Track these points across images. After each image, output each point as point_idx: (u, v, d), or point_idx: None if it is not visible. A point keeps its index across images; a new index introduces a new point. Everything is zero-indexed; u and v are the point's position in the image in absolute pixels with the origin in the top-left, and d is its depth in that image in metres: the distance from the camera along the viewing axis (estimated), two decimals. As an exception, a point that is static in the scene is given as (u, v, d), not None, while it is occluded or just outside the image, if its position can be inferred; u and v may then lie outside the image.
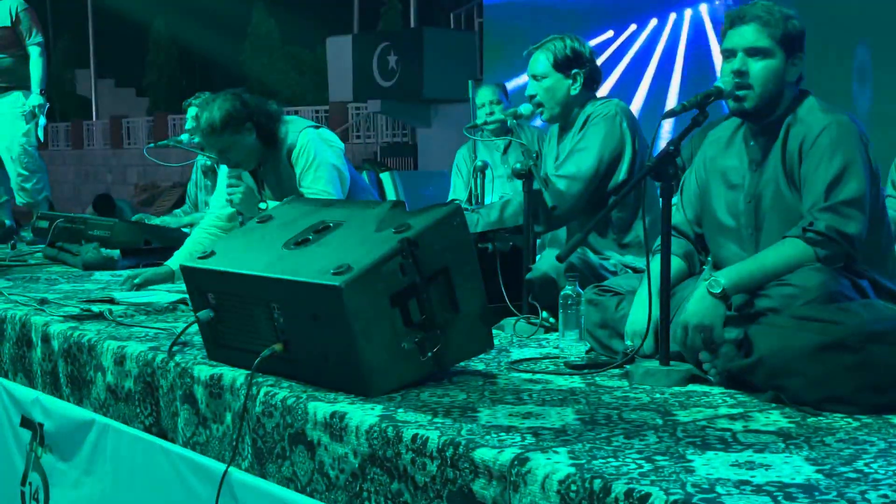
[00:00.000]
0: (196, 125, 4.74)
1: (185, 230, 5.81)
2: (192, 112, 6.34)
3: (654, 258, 2.93)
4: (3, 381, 3.97)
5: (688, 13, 9.00)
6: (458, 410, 2.51)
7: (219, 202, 4.74)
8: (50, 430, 3.65)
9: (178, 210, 6.82)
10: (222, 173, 4.76)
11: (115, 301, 4.16)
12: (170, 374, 3.10)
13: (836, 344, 2.47)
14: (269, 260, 2.88)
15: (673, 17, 9.21)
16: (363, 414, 2.48)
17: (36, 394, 3.74)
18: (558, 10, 9.24)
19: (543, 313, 3.60)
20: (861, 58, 7.76)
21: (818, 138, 2.91)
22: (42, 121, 7.35)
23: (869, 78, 7.72)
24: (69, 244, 5.67)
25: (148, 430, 3.22)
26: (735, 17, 3.03)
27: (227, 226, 4.63)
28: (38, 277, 5.05)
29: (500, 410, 2.51)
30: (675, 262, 3.18)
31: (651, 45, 9.25)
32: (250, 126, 4.49)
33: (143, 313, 3.93)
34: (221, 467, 2.80)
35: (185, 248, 4.55)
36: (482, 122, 4.04)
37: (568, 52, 3.88)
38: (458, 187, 6.27)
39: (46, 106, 7.38)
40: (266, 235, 3.06)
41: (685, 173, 3.37)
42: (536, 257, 3.80)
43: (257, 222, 3.19)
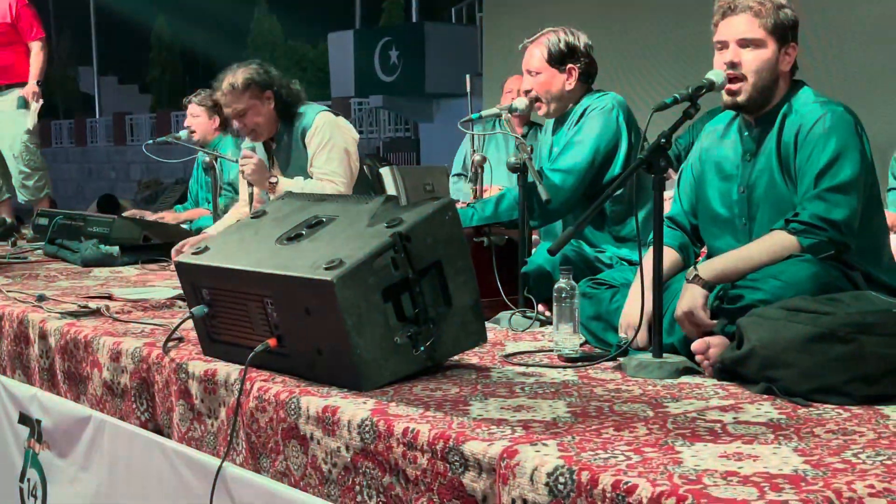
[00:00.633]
0: (219, 86, 4.77)
1: (184, 226, 5.82)
2: (192, 109, 6.37)
3: (648, 251, 2.95)
4: (1, 378, 3.98)
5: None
6: (449, 404, 2.51)
7: None
8: (47, 427, 3.66)
9: (179, 206, 6.83)
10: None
11: (113, 297, 4.17)
12: (165, 369, 3.11)
13: (826, 335, 2.47)
14: (263, 255, 2.89)
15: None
16: (355, 408, 2.49)
17: (34, 390, 3.75)
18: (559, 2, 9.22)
19: (539, 307, 3.60)
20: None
21: (813, 128, 2.91)
22: (34, 106, 7.32)
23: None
24: (69, 241, 5.68)
25: (144, 426, 3.22)
26: (727, 8, 3.03)
27: None
28: (38, 274, 5.06)
29: (492, 404, 2.51)
30: (670, 254, 3.19)
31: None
32: (270, 95, 4.59)
33: (141, 309, 3.94)
34: (216, 462, 2.81)
35: (228, 218, 4.73)
36: (477, 117, 4.04)
37: (562, 46, 3.87)
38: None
39: (39, 94, 7.36)
40: (260, 231, 3.07)
41: (682, 164, 3.38)
42: (533, 251, 3.80)
43: (251, 217, 3.20)
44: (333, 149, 4.61)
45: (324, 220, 2.96)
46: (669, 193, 3.30)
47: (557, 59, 3.87)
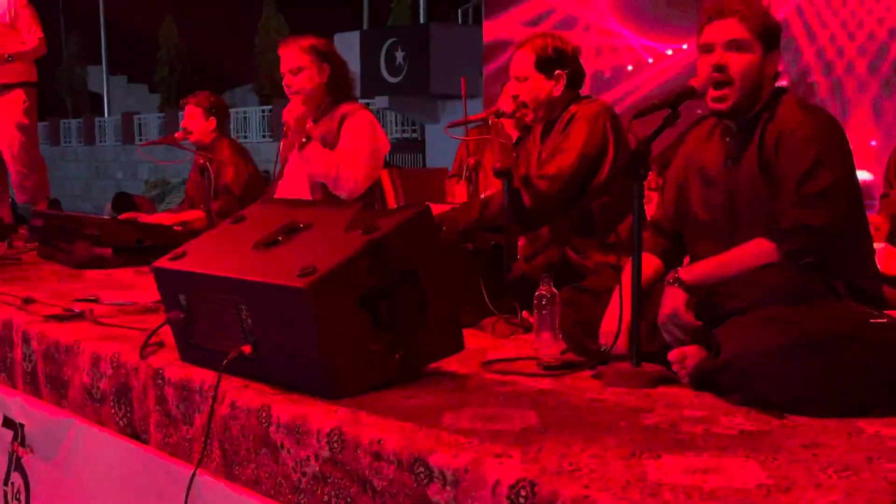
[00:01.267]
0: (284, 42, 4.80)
1: (177, 228, 5.81)
2: (189, 110, 6.36)
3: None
4: (-14, 382, 3.98)
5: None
6: (422, 413, 2.49)
7: None
8: (31, 431, 3.65)
9: (175, 207, 6.82)
10: None
11: (99, 300, 4.16)
12: (142, 375, 3.09)
13: (800, 345, 2.45)
14: (239, 261, 2.87)
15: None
16: (325, 416, 2.46)
17: (17, 394, 3.74)
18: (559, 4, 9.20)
19: (523, 313, 3.58)
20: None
21: (793, 134, 2.88)
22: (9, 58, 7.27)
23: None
24: (63, 242, 5.67)
25: (123, 432, 3.21)
26: (713, 11, 2.99)
27: None
28: (29, 276, 5.05)
29: (465, 413, 2.48)
30: (653, 261, 3.17)
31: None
32: (327, 68, 4.66)
33: (126, 313, 3.92)
34: (191, 470, 2.79)
35: None
36: (463, 121, 4.01)
37: (550, 52, 3.83)
38: None
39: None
40: (238, 236, 3.05)
41: (668, 170, 3.36)
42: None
43: (231, 223, 3.18)
44: (364, 147, 4.61)
45: (301, 226, 2.94)
46: None
47: (545, 65, 3.83)
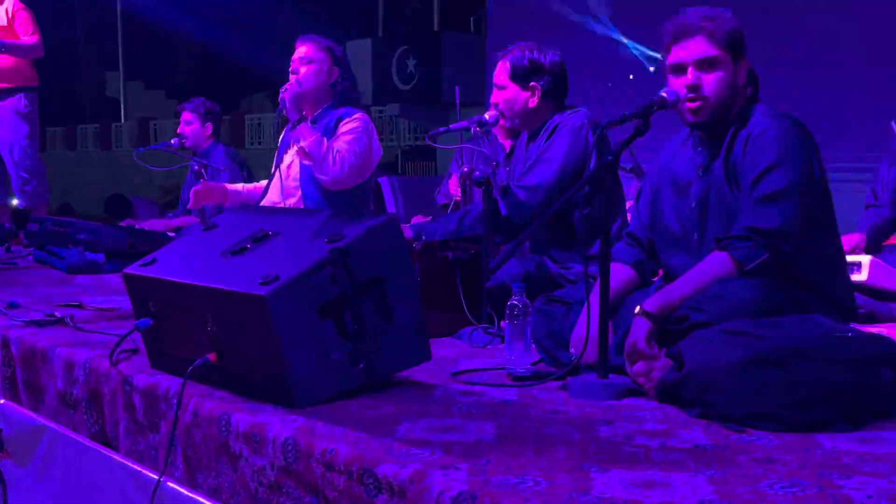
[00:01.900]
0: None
1: (171, 234, 5.81)
2: (185, 117, 6.38)
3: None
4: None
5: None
6: (379, 423, 2.48)
7: None
8: (9, 436, 3.65)
9: (171, 214, 6.84)
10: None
11: (83, 306, 4.16)
12: (112, 381, 3.09)
13: (761, 359, 2.43)
14: (206, 268, 2.87)
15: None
16: (282, 426, 2.46)
17: (-4, 399, 3.76)
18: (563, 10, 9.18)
19: (501, 323, 3.56)
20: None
21: (757, 140, 2.88)
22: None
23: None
24: (57, 248, 5.69)
25: (95, 438, 3.21)
26: (679, 31, 2.97)
27: None
28: (20, 281, 5.06)
29: (422, 424, 2.47)
30: (625, 272, 3.16)
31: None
32: (336, 73, 4.73)
33: (107, 319, 3.92)
34: (156, 477, 2.79)
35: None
36: (445, 130, 4.01)
37: (525, 62, 3.82)
38: None
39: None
40: (209, 244, 3.04)
41: (644, 180, 3.34)
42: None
43: (203, 230, 3.18)
44: (360, 142, 4.62)
45: (270, 233, 2.94)
46: None
47: (520, 76, 3.83)
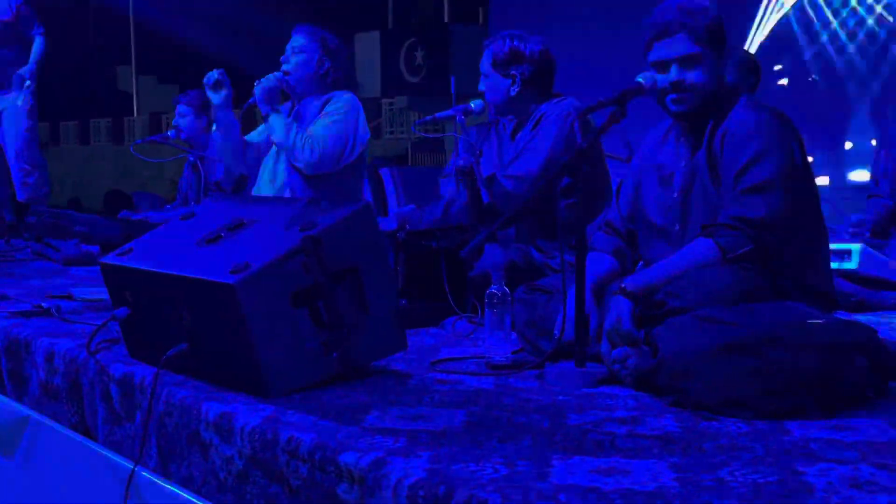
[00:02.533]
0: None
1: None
2: (180, 109, 6.38)
3: (589, 255, 2.92)
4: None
5: None
6: (349, 412, 2.46)
7: None
8: (-6, 427, 3.65)
9: (169, 206, 6.84)
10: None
11: (72, 297, 4.16)
12: (90, 371, 3.09)
13: (734, 346, 2.40)
14: (180, 257, 2.85)
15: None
16: (251, 415, 2.44)
17: (-18, 389, 3.75)
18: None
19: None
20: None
21: (737, 132, 2.85)
22: (28, 84, 7.30)
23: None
24: (54, 240, 5.70)
25: (75, 428, 3.20)
26: (660, 30, 2.94)
27: None
28: (14, 273, 5.07)
29: (393, 412, 2.46)
30: (606, 260, 3.14)
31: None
32: (328, 66, 4.64)
33: (95, 310, 3.92)
34: (131, 466, 2.78)
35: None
36: (430, 119, 4.00)
37: (506, 50, 3.83)
38: None
39: (34, 75, 7.34)
40: (185, 233, 3.03)
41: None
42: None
43: (180, 219, 3.17)
44: (337, 124, 4.51)
45: (246, 222, 2.92)
46: None
47: (501, 64, 3.83)
